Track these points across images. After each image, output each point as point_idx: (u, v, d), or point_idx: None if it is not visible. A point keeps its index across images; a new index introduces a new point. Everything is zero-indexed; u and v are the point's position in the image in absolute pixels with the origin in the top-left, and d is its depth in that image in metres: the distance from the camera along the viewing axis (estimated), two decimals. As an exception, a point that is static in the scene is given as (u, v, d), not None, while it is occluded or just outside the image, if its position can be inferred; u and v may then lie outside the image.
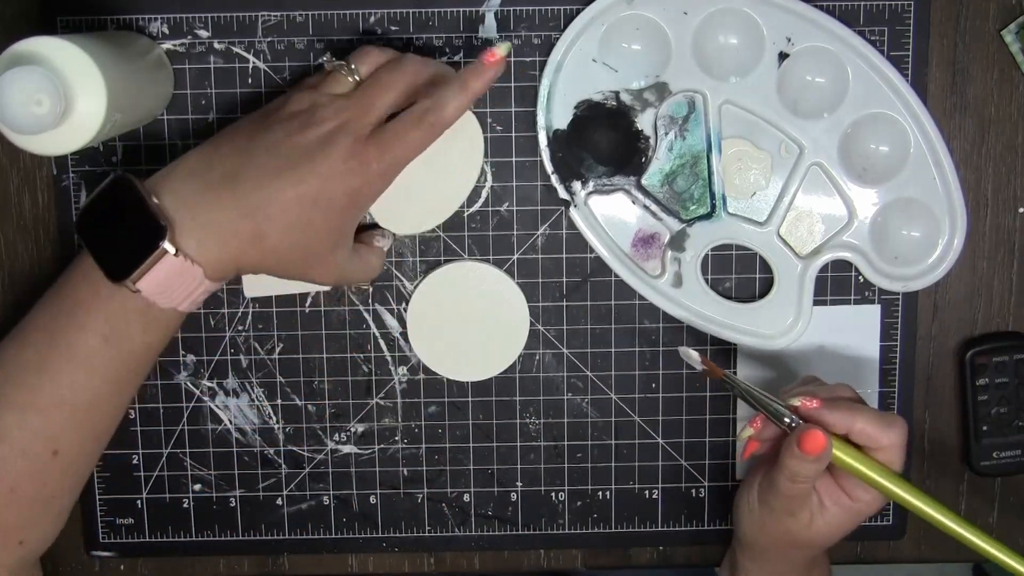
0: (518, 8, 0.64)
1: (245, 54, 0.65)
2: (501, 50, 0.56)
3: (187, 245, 0.54)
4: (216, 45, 0.65)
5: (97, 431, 0.58)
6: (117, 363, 0.56)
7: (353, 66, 0.58)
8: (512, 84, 0.65)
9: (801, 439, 0.55)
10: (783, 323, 0.66)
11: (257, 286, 0.66)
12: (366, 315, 0.67)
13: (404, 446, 0.68)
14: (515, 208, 0.66)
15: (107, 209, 0.55)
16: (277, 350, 0.67)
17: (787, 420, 0.57)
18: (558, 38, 0.64)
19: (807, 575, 0.64)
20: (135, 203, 0.54)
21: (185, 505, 0.68)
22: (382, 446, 0.68)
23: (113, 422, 0.59)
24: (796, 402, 0.57)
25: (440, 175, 0.65)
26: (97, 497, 0.68)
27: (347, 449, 0.68)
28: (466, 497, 0.69)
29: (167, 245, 0.53)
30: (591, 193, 0.65)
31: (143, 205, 0.53)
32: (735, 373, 0.68)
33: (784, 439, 0.57)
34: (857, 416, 0.57)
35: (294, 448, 0.68)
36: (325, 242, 0.57)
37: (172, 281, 0.54)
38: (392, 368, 0.68)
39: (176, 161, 0.56)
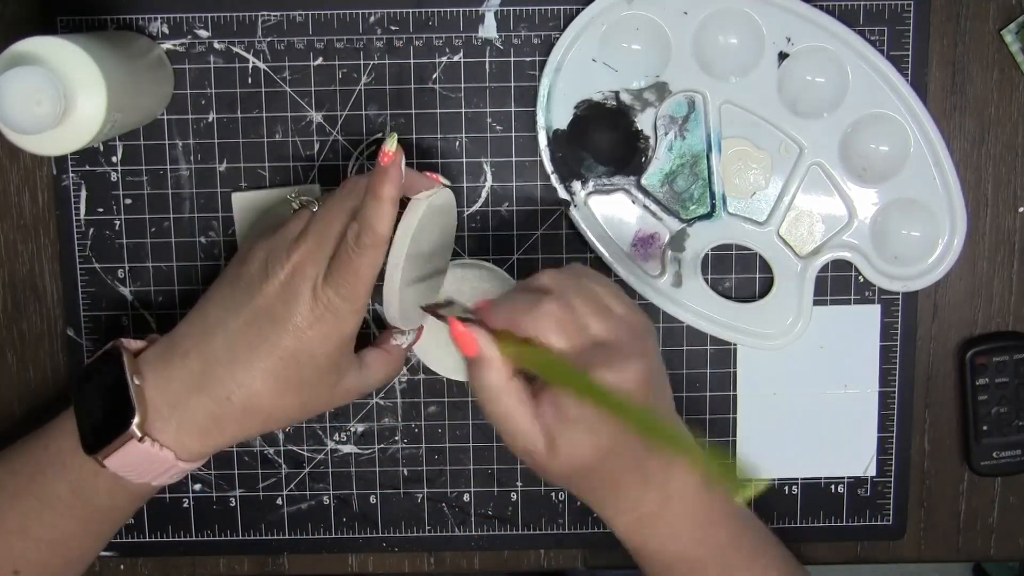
0: (518, 8, 0.64)
1: (245, 54, 0.65)
2: (389, 145, 0.53)
3: (162, 432, 0.54)
4: (216, 45, 0.65)
5: (68, 559, 0.58)
6: (85, 512, 0.57)
7: (311, 201, 0.58)
8: (512, 84, 0.65)
9: (457, 341, 0.52)
10: (783, 323, 0.66)
11: None
12: (366, 315, 0.67)
13: (404, 446, 0.68)
14: (515, 208, 0.66)
15: (99, 376, 0.55)
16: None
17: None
18: (558, 38, 0.64)
19: (650, 492, 0.55)
20: (120, 382, 0.54)
21: (185, 505, 0.68)
22: (382, 446, 0.68)
23: (88, 552, 0.59)
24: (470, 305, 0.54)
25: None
26: (97, 497, 0.68)
27: (347, 449, 0.68)
28: (466, 497, 0.69)
29: (135, 430, 0.53)
30: (591, 193, 0.65)
31: (124, 388, 0.54)
32: (735, 374, 0.68)
33: None
34: (500, 307, 0.53)
35: (294, 448, 0.68)
36: (324, 384, 0.56)
37: (139, 464, 0.54)
38: (392, 368, 0.68)
39: (168, 336, 0.56)
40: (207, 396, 0.54)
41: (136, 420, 0.53)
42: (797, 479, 0.69)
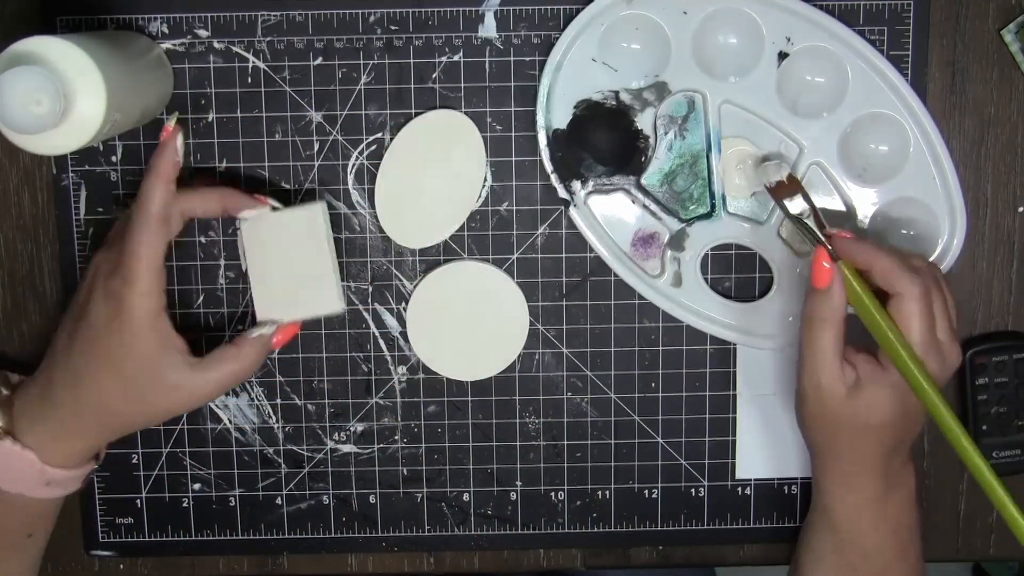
0: (518, 8, 0.64)
1: (245, 54, 0.65)
2: (170, 122, 0.58)
3: (25, 435, 0.57)
4: (216, 45, 0.65)
5: None
6: None
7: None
8: (512, 84, 0.65)
9: (812, 272, 0.56)
10: (783, 323, 0.66)
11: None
12: (366, 315, 0.67)
13: (403, 445, 0.68)
14: (515, 208, 0.66)
15: None
16: (277, 349, 0.67)
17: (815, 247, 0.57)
18: (558, 38, 0.64)
19: (885, 482, 0.60)
20: None
21: (185, 504, 0.69)
22: (381, 445, 0.68)
23: None
24: (833, 230, 0.58)
25: (444, 187, 0.65)
26: (97, 496, 0.68)
27: (347, 448, 0.68)
28: (466, 497, 0.69)
29: None
30: (591, 193, 0.65)
31: None
32: (735, 374, 0.68)
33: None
34: (882, 254, 0.56)
35: (294, 447, 0.68)
36: (148, 378, 0.57)
37: (6, 464, 0.57)
38: (392, 367, 0.68)
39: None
40: (48, 403, 0.58)
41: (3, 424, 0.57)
42: (797, 479, 0.69)
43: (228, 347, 0.59)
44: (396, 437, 0.68)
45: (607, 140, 0.65)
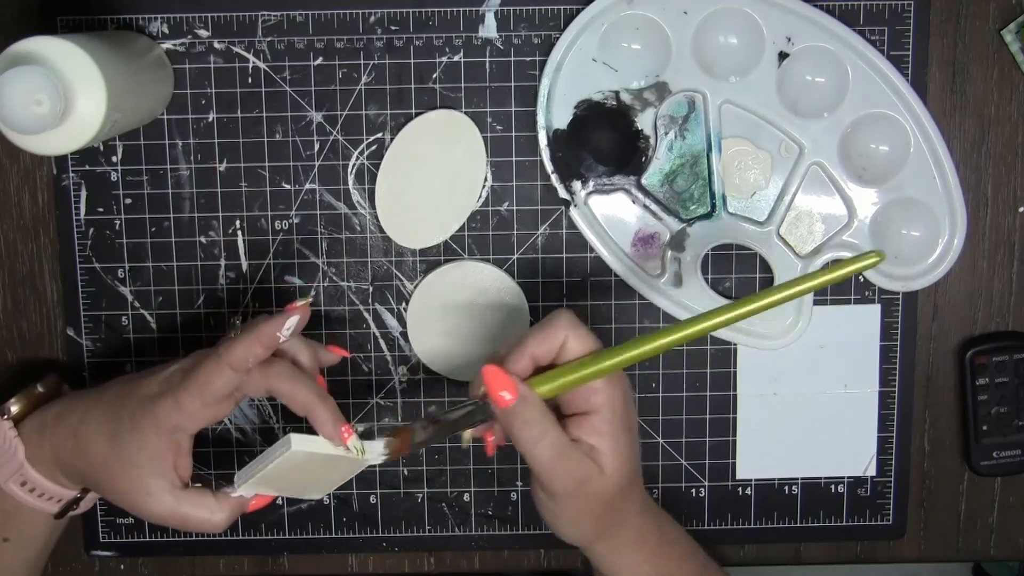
0: (518, 8, 0.64)
1: (245, 54, 0.65)
2: (300, 301, 0.55)
3: (23, 426, 0.58)
4: (216, 45, 0.65)
5: None
6: None
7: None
8: (512, 84, 0.65)
9: (494, 401, 0.52)
10: (783, 323, 0.66)
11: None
12: (366, 315, 0.67)
13: (404, 446, 0.68)
14: (515, 208, 0.66)
15: None
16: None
17: (480, 405, 0.54)
18: (558, 38, 0.64)
19: (650, 535, 0.58)
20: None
21: (185, 505, 0.68)
22: (382, 446, 0.68)
23: None
24: (480, 391, 0.53)
25: (444, 187, 0.65)
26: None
27: (347, 449, 0.68)
28: (466, 497, 0.69)
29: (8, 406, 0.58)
30: (591, 193, 0.65)
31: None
32: (735, 374, 0.68)
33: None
34: (527, 345, 0.53)
35: (294, 448, 0.68)
36: (135, 472, 0.55)
37: None
38: (392, 368, 0.68)
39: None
40: (62, 423, 0.58)
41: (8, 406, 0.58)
42: (797, 479, 0.69)
43: (208, 496, 0.56)
44: (396, 437, 0.68)
45: (607, 140, 0.65)
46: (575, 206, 0.65)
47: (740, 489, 0.69)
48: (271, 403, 0.68)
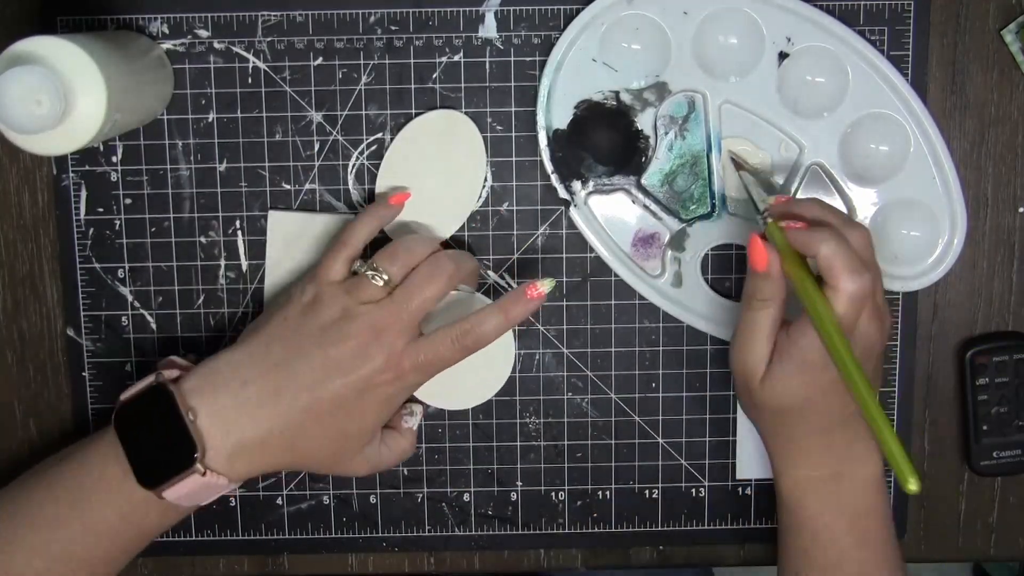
0: (518, 8, 0.65)
1: (245, 54, 0.65)
2: (544, 287, 0.57)
3: (216, 462, 0.55)
4: (216, 45, 0.65)
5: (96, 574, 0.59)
6: (133, 535, 0.58)
7: (381, 269, 0.59)
8: (512, 84, 0.65)
9: (750, 252, 0.55)
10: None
11: None
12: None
13: (404, 446, 0.68)
14: (515, 208, 0.66)
15: (144, 412, 0.56)
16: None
17: (759, 219, 0.57)
18: (558, 38, 0.64)
19: (829, 462, 0.59)
20: (172, 417, 0.55)
21: (185, 505, 0.68)
22: (382, 446, 0.68)
23: (118, 566, 0.60)
24: (772, 199, 0.56)
25: (444, 187, 0.65)
26: (97, 497, 0.68)
27: (347, 449, 0.68)
28: (466, 497, 0.69)
29: (198, 466, 0.55)
30: (591, 193, 0.66)
31: (179, 422, 0.55)
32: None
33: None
34: (822, 242, 0.53)
35: (294, 448, 0.68)
36: (356, 444, 0.59)
37: (197, 493, 0.56)
38: (392, 368, 0.68)
39: (210, 366, 0.58)
40: (261, 426, 0.57)
41: (197, 455, 0.55)
42: (797, 479, 0.69)
43: (394, 432, 0.63)
44: (396, 437, 0.68)
45: (607, 140, 0.65)
46: (575, 206, 0.65)
47: (740, 489, 0.69)
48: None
